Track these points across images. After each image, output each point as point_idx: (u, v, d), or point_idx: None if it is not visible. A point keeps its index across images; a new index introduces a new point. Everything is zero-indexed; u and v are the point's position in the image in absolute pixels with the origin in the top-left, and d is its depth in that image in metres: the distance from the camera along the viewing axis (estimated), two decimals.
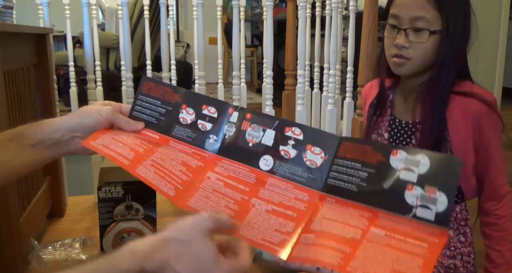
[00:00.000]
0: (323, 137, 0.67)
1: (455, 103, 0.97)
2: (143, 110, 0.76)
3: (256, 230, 0.60)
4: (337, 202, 0.62)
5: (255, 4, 6.07)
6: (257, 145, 0.69)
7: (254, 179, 0.67)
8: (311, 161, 0.66)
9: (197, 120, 0.74)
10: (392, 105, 1.08)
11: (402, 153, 0.59)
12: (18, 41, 1.43)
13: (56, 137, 0.69)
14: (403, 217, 0.56)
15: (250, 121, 0.71)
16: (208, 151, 0.71)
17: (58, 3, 1.98)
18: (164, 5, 1.96)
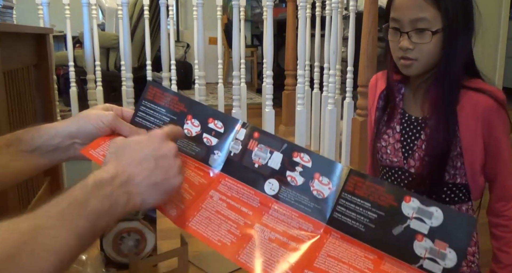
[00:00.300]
0: (331, 166, 0.64)
1: (466, 98, 0.97)
2: (146, 117, 0.73)
3: (257, 259, 0.58)
4: (343, 238, 0.59)
5: (255, 4, 6.07)
6: (263, 167, 0.66)
7: (258, 203, 0.64)
8: (318, 191, 0.63)
9: (203, 133, 0.70)
10: (403, 98, 1.09)
11: (415, 201, 0.57)
12: (18, 41, 1.43)
13: (55, 143, 0.67)
14: (410, 266, 0.55)
15: (258, 141, 0.68)
16: (212, 168, 0.68)
17: (58, 3, 1.98)
18: (164, 5, 1.97)
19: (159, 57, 2.04)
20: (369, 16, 1.85)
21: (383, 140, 1.09)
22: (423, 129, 1.03)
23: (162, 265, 1.37)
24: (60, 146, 0.68)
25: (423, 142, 1.02)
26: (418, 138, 1.04)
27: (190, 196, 0.64)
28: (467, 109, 0.97)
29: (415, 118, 1.05)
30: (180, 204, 0.63)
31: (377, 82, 1.15)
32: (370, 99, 1.19)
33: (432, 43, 0.94)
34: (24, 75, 1.49)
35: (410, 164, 1.04)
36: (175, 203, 0.63)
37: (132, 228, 1.35)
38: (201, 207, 0.63)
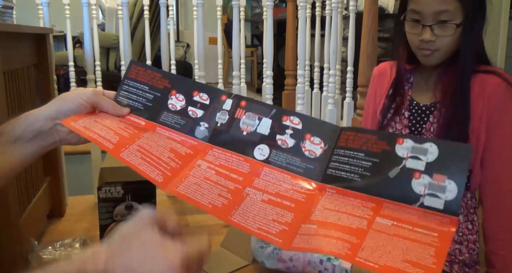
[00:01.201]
0: (323, 126, 0.64)
1: (475, 80, 0.99)
2: (129, 96, 0.72)
3: (251, 219, 0.56)
4: (338, 192, 0.59)
5: (255, 4, 6.07)
6: (252, 133, 0.65)
7: (248, 168, 0.63)
8: (310, 151, 0.63)
9: (187, 107, 0.70)
10: (411, 87, 1.10)
11: (408, 141, 0.57)
12: (18, 41, 1.43)
13: (36, 128, 0.65)
14: (410, 206, 0.54)
15: (245, 109, 0.67)
16: (198, 139, 0.67)
17: (58, 3, 1.98)
18: (164, 5, 1.97)
19: (159, 57, 2.04)
20: (369, 16, 1.85)
21: (390, 127, 1.09)
22: (432, 113, 1.04)
23: None
24: (42, 130, 0.65)
25: (432, 125, 1.03)
26: (426, 121, 1.05)
27: (176, 165, 0.63)
28: (475, 89, 0.99)
29: (424, 105, 1.06)
30: (167, 172, 0.61)
31: (386, 70, 1.16)
32: (375, 87, 1.19)
33: (454, 35, 0.96)
34: (24, 75, 1.49)
35: None
36: (161, 170, 0.61)
37: None
38: (188, 174, 0.61)
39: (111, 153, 0.63)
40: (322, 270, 1.13)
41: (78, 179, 2.18)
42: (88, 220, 1.76)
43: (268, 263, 1.24)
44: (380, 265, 0.48)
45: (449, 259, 1.03)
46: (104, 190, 1.32)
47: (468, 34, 0.96)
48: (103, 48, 3.32)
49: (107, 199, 1.33)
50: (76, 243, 1.45)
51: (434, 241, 0.50)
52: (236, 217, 0.56)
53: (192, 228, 1.70)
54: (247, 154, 0.64)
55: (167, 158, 0.63)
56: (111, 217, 1.34)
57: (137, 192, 1.34)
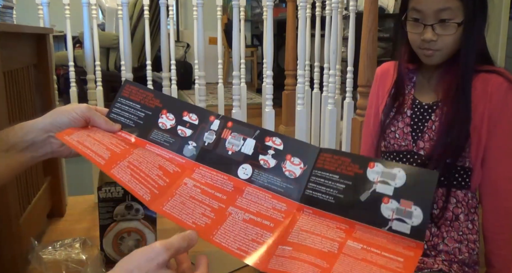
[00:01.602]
0: (303, 147, 0.67)
1: (477, 79, 0.99)
2: (121, 113, 0.75)
3: (232, 239, 0.59)
4: (315, 212, 0.61)
5: (255, 4, 6.07)
6: (236, 153, 0.69)
7: (232, 187, 0.66)
8: (290, 171, 0.66)
9: (177, 126, 0.73)
10: (414, 86, 1.10)
11: (378, 165, 0.60)
12: (18, 41, 1.43)
13: (29, 139, 0.66)
14: (379, 229, 0.56)
15: (231, 130, 0.70)
16: (186, 157, 0.70)
17: (58, 3, 1.98)
18: (164, 5, 1.96)
19: (159, 57, 2.04)
20: (369, 16, 1.85)
21: (392, 125, 1.10)
22: (434, 112, 1.04)
23: None
24: (35, 140, 0.67)
25: (433, 123, 1.03)
26: (428, 119, 1.05)
27: (164, 183, 0.65)
28: (478, 89, 0.99)
29: (426, 104, 1.06)
30: (154, 190, 0.64)
31: (389, 70, 1.16)
32: (378, 87, 1.19)
33: (455, 34, 0.96)
34: (24, 75, 1.49)
35: (419, 145, 1.05)
36: (149, 189, 0.63)
37: (132, 228, 1.35)
38: (175, 193, 0.64)
39: (102, 168, 0.65)
40: None
41: (78, 179, 2.18)
42: (88, 220, 1.76)
43: None
44: None
45: (449, 258, 1.03)
46: (104, 190, 1.32)
47: (469, 33, 0.96)
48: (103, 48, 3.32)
49: (107, 199, 1.33)
50: (76, 243, 1.45)
51: (399, 267, 0.52)
52: (218, 237, 0.59)
53: None
54: (231, 173, 0.67)
55: (155, 175, 0.66)
56: (111, 217, 1.34)
57: None
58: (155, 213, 1.37)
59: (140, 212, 1.35)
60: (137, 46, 3.74)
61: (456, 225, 1.04)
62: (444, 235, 1.04)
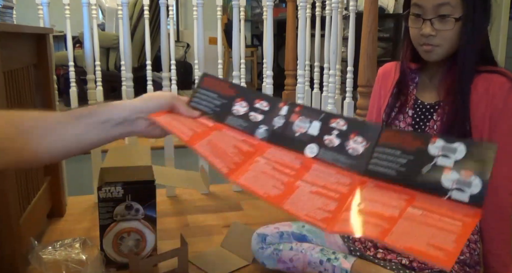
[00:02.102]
0: (366, 126, 0.73)
1: (479, 79, 0.99)
2: (201, 102, 0.84)
3: (300, 207, 0.65)
4: (377, 185, 0.67)
5: (255, 4, 6.07)
6: (304, 134, 0.76)
7: (299, 164, 0.73)
8: (353, 149, 0.71)
9: (250, 112, 0.81)
10: (416, 87, 1.11)
11: (439, 140, 0.65)
12: (18, 41, 1.43)
13: (123, 116, 0.75)
14: (439, 198, 0.61)
15: (299, 114, 0.78)
16: (258, 138, 0.78)
17: (58, 3, 1.98)
18: (164, 5, 1.96)
19: (159, 57, 2.04)
20: (369, 16, 1.85)
21: (394, 125, 1.10)
22: (435, 112, 1.05)
23: (162, 265, 1.37)
24: (127, 119, 0.75)
25: (435, 122, 1.04)
26: (430, 119, 1.05)
27: (239, 159, 0.74)
28: (480, 88, 0.99)
29: (428, 104, 1.07)
30: (231, 164, 0.72)
31: (391, 70, 1.17)
32: (380, 86, 1.19)
33: (454, 30, 0.96)
34: (24, 75, 1.49)
35: None
36: (227, 163, 0.72)
37: (132, 228, 1.35)
38: (249, 168, 0.72)
39: (187, 142, 0.74)
40: (322, 271, 1.13)
41: (78, 179, 2.18)
42: (88, 220, 1.76)
43: (268, 264, 1.24)
44: (406, 246, 0.56)
45: None
46: (104, 190, 1.32)
47: (467, 29, 0.96)
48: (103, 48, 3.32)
49: (107, 199, 1.33)
50: (76, 243, 1.45)
51: (457, 229, 0.56)
52: (287, 205, 0.66)
53: (192, 228, 1.70)
54: (299, 152, 0.75)
55: (231, 153, 0.74)
56: (111, 217, 1.34)
57: (137, 192, 1.34)
58: (155, 213, 1.37)
59: (140, 212, 1.35)
60: (137, 46, 3.74)
61: None
62: None
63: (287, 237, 1.24)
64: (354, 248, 1.17)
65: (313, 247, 1.18)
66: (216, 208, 1.91)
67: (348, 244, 1.19)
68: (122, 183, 1.33)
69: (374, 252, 1.12)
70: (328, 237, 1.23)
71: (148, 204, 1.36)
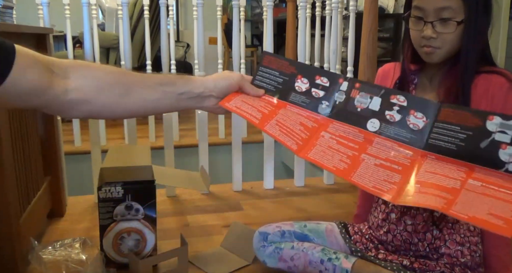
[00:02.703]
0: (425, 103, 0.76)
1: (479, 79, 0.99)
2: (264, 80, 0.88)
3: (367, 180, 0.70)
4: (438, 158, 0.71)
5: (255, 4, 6.07)
6: (365, 110, 0.79)
7: (362, 138, 0.76)
8: (414, 124, 0.75)
9: (311, 88, 0.85)
10: (415, 88, 1.10)
11: (497, 118, 0.69)
12: (18, 41, 1.42)
13: (198, 92, 0.82)
14: (497, 171, 0.65)
15: (359, 90, 0.81)
16: (321, 114, 0.82)
17: (58, 3, 1.98)
18: (164, 5, 1.96)
19: (159, 57, 2.04)
20: (369, 16, 1.85)
21: None
22: None
23: (162, 265, 1.37)
24: (201, 95, 0.83)
25: None
26: None
27: (306, 136, 0.78)
28: (479, 89, 0.99)
29: None
30: (299, 141, 0.77)
31: (390, 71, 1.17)
32: None
33: (455, 33, 0.96)
34: None
35: None
36: (295, 140, 0.77)
37: (132, 228, 1.35)
38: (316, 143, 0.77)
39: (257, 126, 0.80)
40: (323, 270, 1.13)
41: (78, 179, 2.18)
42: (88, 220, 1.76)
43: (269, 263, 1.24)
44: (469, 216, 0.60)
45: (451, 261, 1.03)
46: (104, 190, 1.32)
47: (470, 32, 0.96)
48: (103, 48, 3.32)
49: (107, 199, 1.33)
50: (76, 243, 1.45)
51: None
52: (355, 178, 0.70)
53: (192, 228, 1.70)
54: (361, 126, 0.78)
55: (298, 130, 0.79)
56: (111, 217, 1.34)
57: (137, 192, 1.34)
58: (155, 213, 1.37)
59: (140, 212, 1.35)
60: (137, 46, 3.73)
61: (458, 228, 1.04)
62: (446, 238, 1.03)
63: (288, 236, 1.24)
64: (356, 248, 1.16)
65: (314, 246, 1.18)
66: (216, 208, 1.91)
67: (350, 244, 1.19)
68: (122, 183, 1.33)
69: (376, 253, 1.12)
70: (329, 237, 1.23)
71: (148, 204, 1.36)
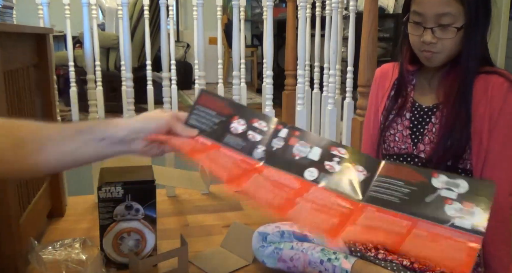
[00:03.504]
0: (366, 158, 0.74)
1: (478, 80, 0.99)
2: (198, 119, 0.82)
3: (303, 218, 0.66)
4: (378, 210, 0.66)
5: (255, 4, 6.07)
6: (303, 158, 0.74)
7: (298, 185, 0.71)
8: (354, 176, 0.71)
9: (248, 131, 0.79)
10: (414, 89, 1.10)
11: (442, 176, 0.67)
12: (18, 41, 1.43)
13: (120, 136, 0.74)
14: (442, 225, 0.62)
15: (298, 138, 0.77)
16: (256, 159, 0.76)
17: (58, 3, 1.98)
18: (164, 5, 1.96)
19: (159, 57, 2.04)
20: (369, 16, 1.85)
21: (392, 128, 1.09)
22: (434, 114, 1.04)
23: (162, 265, 1.37)
24: (125, 139, 0.75)
25: (434, 125, 1.03)
26: (428, 122, 1.04)
27: (239, 170, 0.73)
28: (478, 89, 0.98)
29: (426, 107, 1.06)
30: (231, 175, 0.72)
31: (388, 72, 1.15)
32: (377, 88, 1.18)
33: (455, 38, 0.95)
34: (24, 75, 1.49)
35: (419, 148, 1.04)
36: (227, 173, 0.73)
37: (132, 228, 1.35)
38: (247, 181, 0.71)
39: (188, 154, 0.75)
40: (323, 271, 1.13)
41: (78, 179, 2.18)
42: (88, 220, 1.76)
43: (269, 263, 1.24)
44: (421, 255, 0.59)
45: None
46: (104, 190, 1.32)
47: (471, 37, 0.95)
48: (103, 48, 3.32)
49: (107, 199, 1.33)
50: (76, 243, 1.45)
51: (464, 249, 0.59)
52: (291, 214, 0.66)
53: (192, 228, 1.70)
54: (298, 175, 0.73)
55: (231, 165, 0.74)
56: (111, 217, 1.34)
57: (137, 192, 1.34)
58: (155, 213, 1.37)
59: (140, 212, 1.35)
60: (137, 46, 3.74)
61: None
62: None
63: (288, 236, 1.24)
64: (355, 248, 1.16)
65: (313, 246, 1.18)
66: (216, 208, 1.91)
67: (349, 244, 1.19)
68: (122, 183, 1.33)
69: (375, 253, 1.12)
70: None
71: (148, 204, 1.36)
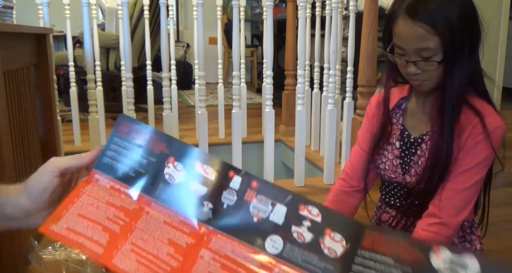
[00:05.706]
0: (344, 221, 0.57)
1: (465, 115, 0.96)
2: (119, 158, 0.60)
3: None
4: None
5: (255, 4, 6.07)
6: (264, 221, 0.57)
7: (258, 264, 0.54)
8: (329, 250, 0.55)
9: (188, 181, 0.59)
10: (403, 114, 1.07)
11: (445, 252, 0.52)
12: (18, 41, 1.43)
13: (7, 212, 0.60)
14: None
15: (256, 192, 0.58)
16: (201, 221, 0.57)
17: (58, 3, 1.98)
18: (164, 5, 1.97)
19: (159, 57, 2.04)
20: (369, 16, 1.85)
21: (383, 156, 1.08)
22: (419, 145, 1.03)
23: None
24: (13, 216, 0.60)
25: (419, 158, 1.02)
26: (414, 153, 1.03)
27: (177, 263, 0.54)
28: (462, 125, 0.95)
29: (413, 137, 1.04)
30: None
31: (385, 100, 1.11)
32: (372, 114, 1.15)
33: (439, 69, 0.92)
34: (24, 75, 1.49)
35: (406, 179, 1.04)
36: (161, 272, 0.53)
37: None
38: (191, 271, 0.54)
39: (101, 261, 0.55)
40: None
41: None
42: None
43: None
44: None
45: None
46: None
47: (453, 69, 0.92)
48: (103, 48, 3.32)
49: None
50: None
51: None
52: None
53: None
54: (258, 245, 0.56)
55: (166, 255, 0.55)
56: None
57: None
58: None
59: None
60: (137, 46, 3.74)
61: None
62: None
63: None
64: None
65: None
66: None
67: None
68: None
69: None
70: None
71: None
